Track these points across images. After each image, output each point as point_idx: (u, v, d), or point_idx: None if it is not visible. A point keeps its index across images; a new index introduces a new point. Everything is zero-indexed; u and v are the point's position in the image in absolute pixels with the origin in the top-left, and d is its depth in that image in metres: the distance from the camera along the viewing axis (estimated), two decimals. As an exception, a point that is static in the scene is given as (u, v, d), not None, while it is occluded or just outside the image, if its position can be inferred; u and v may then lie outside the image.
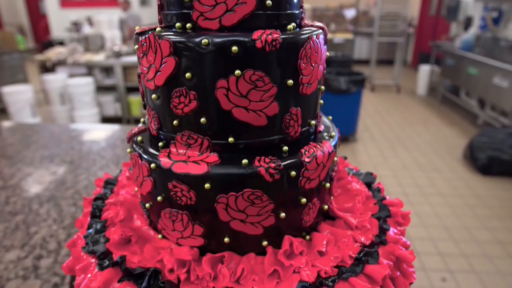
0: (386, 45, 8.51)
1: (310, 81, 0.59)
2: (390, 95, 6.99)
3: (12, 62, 6.16)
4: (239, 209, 0.57)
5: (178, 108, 0.56)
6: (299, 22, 0.62)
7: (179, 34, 0.54)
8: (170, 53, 0.53)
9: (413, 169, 3.92)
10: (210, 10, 0.53)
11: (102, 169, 1.82)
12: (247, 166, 0.55)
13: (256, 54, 0.52)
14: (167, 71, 0.54)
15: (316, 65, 0.59)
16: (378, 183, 0.84)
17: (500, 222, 2.95)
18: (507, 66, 4.42)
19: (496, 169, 3.70)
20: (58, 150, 2.05)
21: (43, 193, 1.58)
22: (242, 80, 0.52)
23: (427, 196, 3.37)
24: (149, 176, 0.61)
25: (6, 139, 2.30)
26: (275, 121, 0.58)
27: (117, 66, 5.00)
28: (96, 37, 5.52)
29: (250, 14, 0.53)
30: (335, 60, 5.76)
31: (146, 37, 0.55)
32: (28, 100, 4.52)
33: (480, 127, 5.10)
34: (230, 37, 0.51)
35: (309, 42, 0.56)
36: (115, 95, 5.26)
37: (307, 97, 0.60)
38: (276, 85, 0.55)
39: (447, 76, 6.08)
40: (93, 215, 0.74)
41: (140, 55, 0.58)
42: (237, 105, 0.54)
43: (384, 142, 4.63)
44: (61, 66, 5.12)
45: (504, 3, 5.30)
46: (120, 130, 2.40)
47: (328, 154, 0.62)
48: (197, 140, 0.57)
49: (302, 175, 0.59)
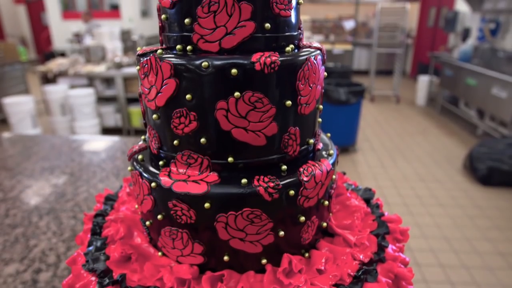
0: (385, 56, 8.57)
1: (309, 101, 0.60)
2: (390, 105, 7.02)
3: (14, 73, 6.21)
4: (239, 227, 0.57)
5: (178, 128, 0.57)
6: (297, 43, 0.63)
7: (180, 56, 0.55)
8: (171, 75, 0.54)
9: (413, 179, 3.92)
10: (210, 33, 0.54)
11: (102, 181, 1.83)
12: (246, 185, 0.56)
13: (255, 76, 0.53)
14: (168, 92, 0.55)
15: (314, 85, 0.60)
16: (376, 199, 0.85)
17: (500, 233, 2.94)
18: (505, 77, 4.45)
19: (496, 179, 3.70)
20: (58, 162, 2.06)
21: (43, 205, 1.58)
22: (242, 101, 0.53)
23: (427, 207, 3.36)
24: (150, 195, 0.61)
25: (7, 150, 2.31)
26: (274, 141, 0.58)
27: (118, 77, 5.03)
28: (97, 49, 5.57)
29: (249, 36, 0.55)
30: (335, 71, 5.80)
31: (147, 58, 0.57)
32: (29, 111, 4.55)
33: (479, 137, 5.11)
34: (230, 60, 0.53)
35: (307, 64, 0.57)
36: (116, 105, 5.28)
37: (306, 116, 0.61)
38: (275, 105, 0.56)
39: (446, 87, 6.12)
40: (94, 232, 0.74)
41: (142, 76, 0.59)
42: (236, 126, 0.55)
43: (384, 153, 4.63)
44: (62, 77, 5.16)
45: (501, 15, 5.36)
46: (120, 141, 2.41)
47: (326, 172, 0.62)
48: (197, 159, 0.58)
49: (301, 194, 0.59)
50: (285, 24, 0.59)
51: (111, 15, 9.00)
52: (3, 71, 5.96)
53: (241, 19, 0.54)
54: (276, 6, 0.56)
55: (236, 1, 0.53)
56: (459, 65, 5.56)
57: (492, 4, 5.44)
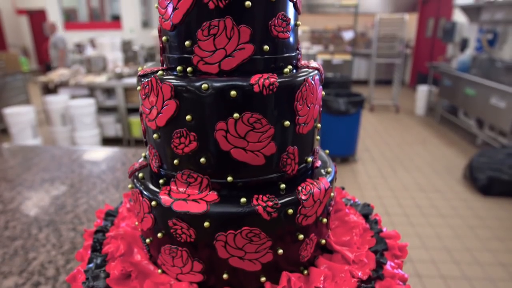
0: (384, 65, 8.63)
1: (307, 120, 0.61)
2: (389, 115, 7.04)
3: (15, 83, 6.25)
4: (238, 246, 0.58)
5: (178, 148, 0.58)
6: (296, 63, 0.64)
7: (180, 78, 0.56)
8: (171, 96, 0.55)
9: (413, 189, 3.92)
10: (210, 55, 0.56)
11: (102, 193, 1.83)
12: (245, 204, 0.57)
13: (254, 98, 0.54)
14: (168, 113, 0.56)
15: (312, 105, 0.61)
16: (375, 214, 0.85)
17: (501, 243, 2.93)
18: (503, 87, 4.47)
19: (496, 189, 3.70)
20: (59, 173, 2.06)
21: (42, 217, 1.58)
22: (241, 122, 0.54)
23: (427, 217, 3.35)
24: (150, 213, 0.62)
25: (7, 161, 2.31)
26: (272, 160, 0.59)
27: (119, 87, 5.07)
28: (99, 59, 5.62)
29: (248, 58, 0.56)
30: (334, 81, 5.83)
31: (148, 80, 0.58)
32: (29, 121, 4.56)
33: (479, 147, 5.12)
34: (229, 82, 0.54)
35: (304, 84, 0.58)
36: (116, 116, 5.30)
37: (304, 135, 0.62)
38: (273, 126, 0.57)
39: (445, 97, 6.14)
40: (94, 248, 0.74)
41: (143, 96, 0.60)
42: (235, 146, 0.56)
43: (384, 162, 4.63)
44: (63, 88, 5.19)
45: (499, 26, 5.41)
46: (120, 152, 2.42)
47: (324, 191, 0.63)
48: (196, 178, 0.59)
49: (299, 212, 0.60)
50: (283, 45, 0.60)
51: (113, 25, 9.09)
52: (4, 82, 6.00)
53: (240, 41, 0.55)
54: (274, 29, 0.57)
55: (235, 25, 0.54)
56: (458, 75, 5.60)
57: (489, 15, 5.50)
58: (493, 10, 5.36)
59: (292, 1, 0.59)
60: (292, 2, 0.59)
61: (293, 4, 0.60)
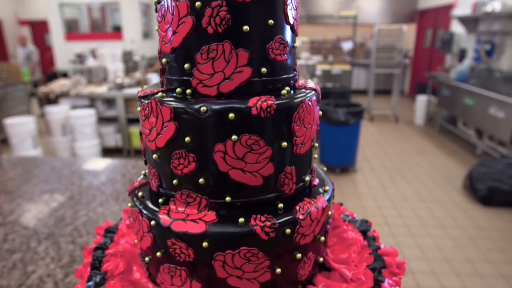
0: (383, 75, 8.69)
1: (304, 141, 0.62)
2: (389, 124, 7.06)
3: (16, 94, 6.28)
4: (236, 266, 0.58)
5: (177, 168, 0.59)
6: (293, 84, 0.65)
7: (179, 100, 0.58)
8: (171, 118, 0.56)
9: (413, 200, 3.91)
10: (209, 78, 0.57)
11: (101, 205, 1.83)
12: (243, 225, 0.57)
13: (251, 120, 0.55)
14: (167, 134, 0.57)
15: (309, 125, 0.62)
16: (373, 231, 0.85)
17: (502, 254, 2.92)
18: (502, 97, 4.50)
19: (496, 199, 3.69)
20: (58, 185, 2.07)
21: (41, 229, 1.58)
22: (239, 144, 0.55)
23: (428, 228, 3.34)
24: (149, 232, 0.62)
25: (7, 173, 2.32)
26: (270, 181, 0.60)
27: (119, 98, 5.09)
28: (99, 70, 5.66)
29: (246, 81, 0.57)
30: (333, 91, 5.87)
31: (148, 102, 0.59)
32: (29, 132, 4.58)
33: (479, 156, 5.12)
34: (227, 104, 0.55)
35: (302, 106, 0.59)
36: (116, 126, 5.32)
37: (301, 156, 0.63)
38: (271, 147, 0.58)
39: (444, 107, 6.17)
40: (93, 266, 0.75)
41: (143, 117, 0.61)
42: (233, 167, 0.57)
43: (384, 173, 4.64)
44: (64, 98, 5.22)
45: (496, 36, 5.46)
46: (120, 164, 2.42)
47: (322, 210, 0.64)
48: (195, 199, 0.60)
49: (297, 232, 0.60)
50: (280, 67, 0.61)
51: (114, 36, 9.17)
52: (5, 92, 6.04)
53: (238, 65, 0.56)
54: (272, 52, 0.59)
55: (233, 48, 0.56)
56: (456, 85, 5.63)
57: (486, 26, 5.55)
58: (490, 21, 5.42)
59: (289, 24, 0.61)
60: (289, 25, 0.61)
61: (290, 27, 0.61)
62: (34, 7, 11.95)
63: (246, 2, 0.54)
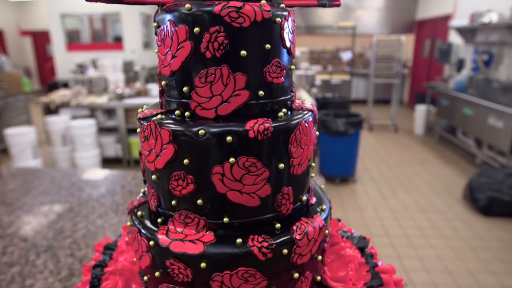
0: (382, 85, 8.74)
1: (301, 162, 0.63)
2: (388, 134, 7.08)
3: (17, 104, 6.31)
4: (234, 286, 0.59)
5: (176, 189, 0.60)
6: (290, 105, 0.67)
7: (178, 122, 0.59)
8: (170, 141, 0.57)
9: (414, 210, 3.91)
10: (207, 101, 0.58)
11: (101, 217, 1.83)
12: (241, 245, 0.58)
13: (249, 143, 0.56)
14: (166, 156, 0.58)
15: (306, 146, 0.63)
16: (371, 248, 0.86)
17: (503, 265, 2.90)
18: (500, 107, 4.52)
19: (497, 210, 3.69)
20: (58, 197, 2.07)
21: (40, 242, 1.58)
22: (236, 166, 0.56)
23: (428, 239, 3.33)
24: (148, 252, 0.63)
25: (7, 184, 2.32)
26: (267, 201, 0.61)
27: (119, 108, 5.12)
28: (100, 80, 5.69)
29: (244, 104, 0.58)
30: (333, 101, 5.89)
31: (147, 124, 0.60)
32: (30, 142, 4.59)
33: (478, 166, 5.13)
34: (225, 127, 0.56)
35: (298, 128, 0.60)
36: (116, 136, 5.34)
37: (298, 176, 0.64)
38: (268, 169, 0.58)
39: (443, 116, 6.19)
40: (92, 284, 0.75)
41: (142, 139, 0.62)
42: (231, 189, 0.58)
43: (384, 183, 4.64)
44: (64, 108, 5.24)
45: (493, 47, 5.51)
46: (119, 175, 2.43)
47: (319, 229, 0.64)
48: (194, 219, 0.61)
49: (294, 252, 0.61)
50: (277, 90, 0.63)
51: (115, 47, 9.25)
52: (6, 102, 6.07)
53: (236, 88, 0.58)
54: (269, 75, 0.60)
55: (231, 72, 0.57)
56: (455, 95, 5.66)
57: (484, 37, 5.60)
58: (488, 32, 5.47)
59: (286, 48, 0.62)
60: (286, 49, 0.62)
61: (287, 50, 0.63)
62: (36, 18, 12.07)
63: (244, 27, 0.56)
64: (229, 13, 0.55)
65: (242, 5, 0.55)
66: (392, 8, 9.15)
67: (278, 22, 0.59)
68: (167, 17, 0.59)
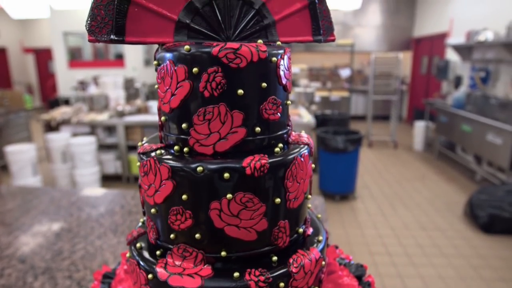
0: (381, 101, 8.81)
1: (297, 195, 0.64)
2: (388, 150, 7.09)
3: (18, 121, 6.35)
4: (231, 320, 0.59)
5: (175, 224, 0.61)
6: (287, 138, 0.68)
7: (177, 158, 0.60)
8: (169, 177, 0.59)
9: (414, 227, 3.89)
10: (205, 138, 0.60)
11: (99, 238, 1.83)
12: (238, 279, 0.59)
13: (246, 179, 0.58)
14: (165, 192, 0.60)
15: (302, 180, 0.64)
16: (368, 276, 0.86)
17: (506, 284, 2.88)
18: (499, 124, 4.55)
19: (498, 227, 3.68)
20: (57, 217, 2.07)
21: (38, 264, 1.57)
22: (234, 202, 0.58)
23: (429, 257, 3.31)
24: (147, 285, 0.64)
25: (6, 204, 2.32)
26: (264, 235, 0.62)
27: (120, 125, 5.15)
28: (101, 97, 5.75)
29: (241, 140, 0.60)
30: (332, 118, 5.93)
31: (147, 160, 0.62)
32: (30, 159, 4.60)
33: (478, 182, 5.12)
34: (222, 164, 0.58)
35: (294, 163, 0.62)
36: (116, 153, 5.36)
37: (295, 209, 0.65)
38: (265, 204, 0.60)
39: (442, 133, 6.22)
40: (90, 315, 0.75)
41: (142, 173, 0.64)
42: (229, 224, 0.59)
43: (384, 200, 4.63)
44: (65, 125, 5.28)
45: (490, 64, 5.58)
46: (119, 195, 2.43)
47: (315, 261, 0.65)
48: (192, 253, 0.61)
49: (291, 285, 0.62)
50: (274, 125, 0.64)
51: (116, 64, 9.36)
52: (8, 119, 6.11)
53: (233, 125, 0.59)
54: (265, 112, 0.62)
55: (228, 111, 0.59)
56: (454, 112, 5.70)
57: (480, 54, 5.68)
58: (484, 49, 5.55)
59: (281, 85, 0.64)
60: (282, 86, 0.64)
61: (283, 87, 0.65)
62: (38, 35, 12.25)
63: (241, 68, 0.58)
64: (227, 55, 0.57)
65: (239, 47, 0.57)
66: (389, 26, 9.30)
67: (274, 61, 0.61)
68: (167, 56, 0.61)
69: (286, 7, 0.67)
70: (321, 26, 0.70)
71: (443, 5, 7.51)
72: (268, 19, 0.66)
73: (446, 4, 7.36)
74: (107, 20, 0.57)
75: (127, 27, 0.58)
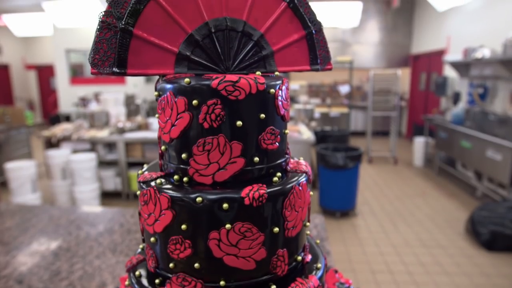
0: (380, 117, 8.86)
1: (295, 224, 0.65)
2: (388, 166, 7.09)
3: (19, 137, 6.37)
4: None
5: (174, 253, 0.61)
6: (285, 167, 0.69)
7: (177, 188, 0.61)
8: (168, 207, 0.60)
9: (416, 245, 3.86)
10: (204, 168, 0.61)
11: (98, 257, 1.82)
12: (237, 310, 0.59)
13: (244, 209, 0.59)
14: (165, 221, 0.60)
15: (300, 209, 0.65)
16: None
17: (510, 305, 2.84)
18: (498, 140, 4.56)
19: (500, 244, 3.65)
20: (56, 236, 2.06)
21: (36, 284, 1.56)
22: (232, 231, 0.58)
23: (432, 275, 3.27)
24: (145, 315, 0.64)
25: (5, 222, 2.31)
26: (263, 264, 0.62)
27: (120, 142, 5.17)
28: (102, 114, 5.79)
29: (240, 170, 0.61)
30: (332, 134, 5.94)
31: (147, 189, 0.62)
32: (29, 176, 4.60)
33: (479, 198, 5.10)
34: (221, 195, 0.58)
35: (292, 192, 0.63)
36: (116, 169, 5.35)
37: (293, 238, 0.65)
38: (263, 233, 0.60)
39: (441, 149, 6.22)
40: None
41: (142, 202, 0.64)
42: (227, 253, 0.59)
43: (384, 217, 4.60)
44: (65, 142, 5.29)
45: (488, 80, 5.63)
46: (118, 213, 2.42)
47: (314, 290, 0.65)
48: (191, 282, 0.62)
49: (290, 315, 0.62)
50: (272, 155, 0.65)
51: (117, 80, 9.45)
52: (9, 135, 6.13)
53: (232, 156, 0.61)
54: (263, 142, 0.63)
55: (227, 141, 0.60)
56: (453, 128, 5.72)
57: (478, 71, 5.74)
58: (481, 66, 5.61)
59: (280, 115, 0.66)
60: (280, 116, 0.66)
61: (281, 117, 0.66)
62: (41, 52, 12.41)
63: (239, 99, 0.59)
64: (226, 87, 0.58)
65: (237, 79, 0.59)
66: (387, 43, 9.43)
67: (272, 93, 0.63)
68: (168, 87, 0.63)
69: (284, 38, 0.69)
70: (319, 55, 0.72)
71: (440, 22, 7.63)
72: (267, 50, 0.67)
73: (443, 21, 7.48)
74: (109, 53, 0.59)
75: (129, 60, 0.60)
